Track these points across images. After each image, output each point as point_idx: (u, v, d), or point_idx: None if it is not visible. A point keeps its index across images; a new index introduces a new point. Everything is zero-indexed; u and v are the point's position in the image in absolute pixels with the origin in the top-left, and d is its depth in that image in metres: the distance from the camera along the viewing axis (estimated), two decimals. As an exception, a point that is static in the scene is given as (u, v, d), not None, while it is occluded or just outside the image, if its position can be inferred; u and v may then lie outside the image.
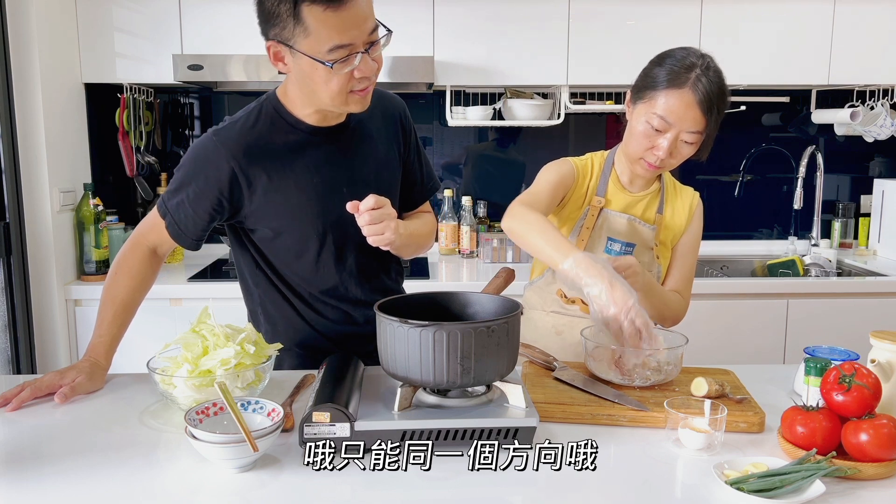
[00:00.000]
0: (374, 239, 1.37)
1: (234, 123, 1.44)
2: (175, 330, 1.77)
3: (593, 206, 1.64)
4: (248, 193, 1.43)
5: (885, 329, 1.26)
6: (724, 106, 1.51)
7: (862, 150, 3.29)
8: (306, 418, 1.09)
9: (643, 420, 1.24)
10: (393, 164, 1.57)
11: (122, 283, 1.48)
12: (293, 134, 1.45)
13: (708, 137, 1.53)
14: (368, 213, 1.33)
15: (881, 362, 1.22)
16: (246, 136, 1.42)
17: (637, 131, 1.54)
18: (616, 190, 1.67)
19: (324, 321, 1.55)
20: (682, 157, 1.55)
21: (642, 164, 1.57)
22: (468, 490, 1.04)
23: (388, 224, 1.36)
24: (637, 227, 1.65)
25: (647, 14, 2.80)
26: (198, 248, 1.51)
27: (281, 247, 1.49)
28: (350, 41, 1.28)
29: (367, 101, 1.39)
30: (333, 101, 1.35)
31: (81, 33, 2.71)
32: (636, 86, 1.57)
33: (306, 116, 1.44)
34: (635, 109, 1.56)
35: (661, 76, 1.50)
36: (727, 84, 1.52)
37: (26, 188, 2.50)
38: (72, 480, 1.06)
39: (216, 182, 1.41)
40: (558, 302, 1.69)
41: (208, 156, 1.42)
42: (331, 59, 1.28)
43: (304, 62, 1.30)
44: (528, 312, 1.76)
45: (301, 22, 1.25)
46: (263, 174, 1.42)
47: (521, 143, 3.25)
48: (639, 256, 1.64)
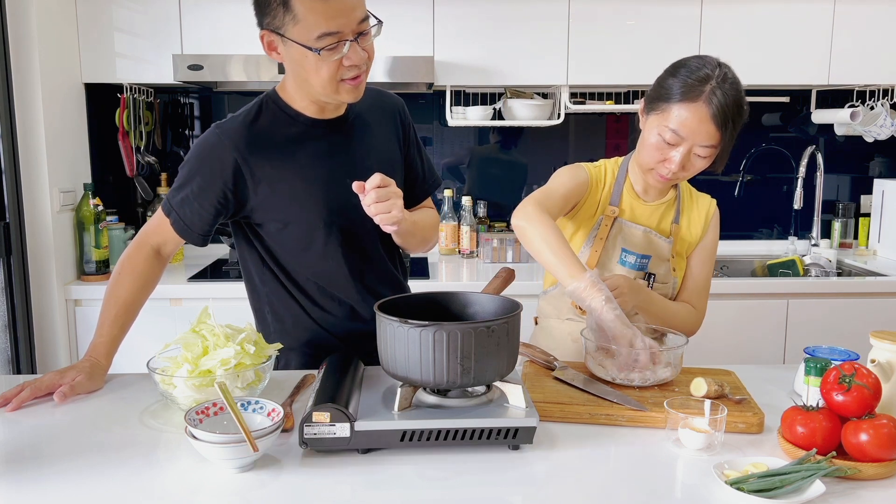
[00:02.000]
0: (381, 217, 1.36)
1: (235, 117, 1.47)
2: (175, 330, 1.77)
3: (607, 216, 1.62)
4: (253, 185, 1.44)
5: (885, 329, 1.26)
6: (740, 119, 1.47)
7: (862, 150, 3.29)
8: (306, 418, 1.09)
9: (642, 420, 1.24)
10: (394, 158, 1.58)
11: (126, 284, 1.48)
12: (294, 126, 1.46)
13: (723, 150, 1.50)
14: (375, 190, 1.33)
15: (881, 362, 1.22)
16: (248, 129, 1.44)
17: (649, 143, 1.51)
18: (630, 199, 1.64)
19: (331, 318, 1.56)
20: (696, 170, 1.52)
21: (654, 176, 1.55)
22: (468, 490, 1.04)
23: (395, 202, 1.36)
24: (653, 240, 1.63)
25: (647, 14, 2.80)
26: (204, 244, 1.51)
27: (288, 239, 1.50)
28: (338, 29, 1.30)
29: (359, 91, 1.40)
30: (325, 88, 1.36)
31: (81, 33, 2.71)
32: (649, 96, 1.54)
33: (305, 108, 1.46)
34: (648, 120, 1.53)
35: (674, 88, 1.46)
36: (744, 93, 1.47)
37: (26, 188, 2.50)
38: (72, 480, 1.06)
39: (220, 174, 1.42)
40: (572, 310, 1.68)
41: (212, 148, 1.43)
42: (319, 45, 1.30)
43: (295, 50, 1.33)
44: (544, 321, 1.76)
45: (290, 10, 1.29)
46: (267, 165, 1.43)
47: (521, 143, 3.25)
48: (654, 269, 1.63)
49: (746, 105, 1.49)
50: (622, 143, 3.26)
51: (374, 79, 2.61)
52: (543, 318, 1.76)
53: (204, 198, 1.44)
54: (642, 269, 1.63)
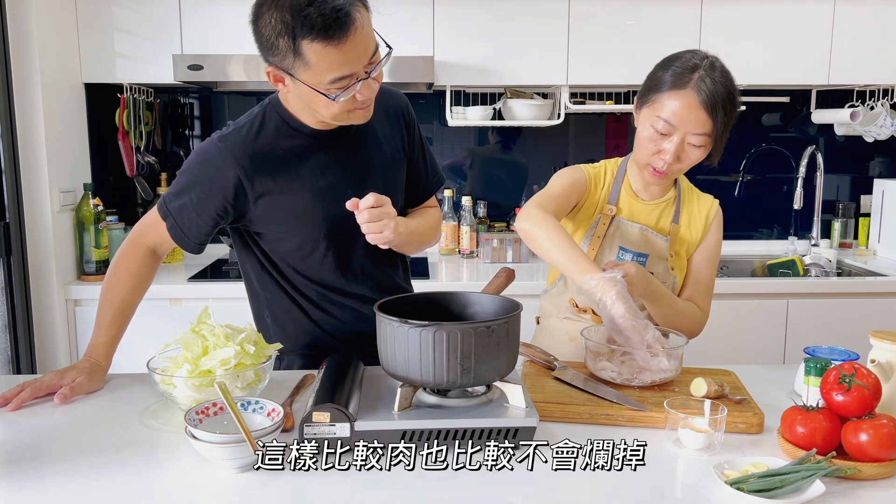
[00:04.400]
0: (373, 237, 1.38)
1: (238, 130, 1.44)
2: (175, 330, 1.77)
3: (605, 215, 1.62)
4: (253, 199, 1.43)
5: (885, 329, 1.26)
6: (731, 107, 1.47)
7: (862, 150, 3.29)
8: (306, 418, 1.09)
9: (642, 420, 1.24)
10: (397, 163, 1.57)
11: (122, 284, 1.48)
12: (298, 138, 1.45)
13: (717, 141, 1.50)
14: (368, 211, 1.34)
15: (881, 362, 1.22)
16: (252, 143, 1.42)
17: (643, 136, 1.52)
18: (628, 198, 1.64)
19: (333, 321, 1.55)
20: (691, 162, 1.52)
21: (649, 171, 1.55)
22: (468, 490, 1.04)
23: (388, 223, 1.36)
24: (650, 238, 1.63)
25: (647, 14, 2.80)
26: (199, 252, 1.50)
27: (286, 249, 1.49)
28: (351, 71, 1.27)
29: (369, 114, 1.39)
30: (335, 119, 1.36)
31: (81, 33, 2.71)
32: (641, 90, 1.55)
33: (308, 121, 1.44)
34: (641, 114, 1.54)
35: (664, 79, 1.48)
36: (735, 85, 1.48)
37: (26, 188, 2.50)
38: (72, 480, 1.06)
39: (221, 188, 1.41)
40: (571, 309, 1.68)
41: (214, 162, 1.42)
42: (332, 89, 1.28)
43: (306, 89, 1.30)
44: (545, 320, 1.76)
45: (301, 56, 1.24)
46: (269, 180, 1.42)
47: (521, 144, 3.25)
48: (652, 267, 1.62)
49: (738, 95, 1.49)
50: (622, 143, 3.26)
51: (374, 79, 2.61)
52: (545, 318, 1.76)
53: (203, 209, 1.43)
54: None
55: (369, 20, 1.28)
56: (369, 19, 1.28)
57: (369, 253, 1.53)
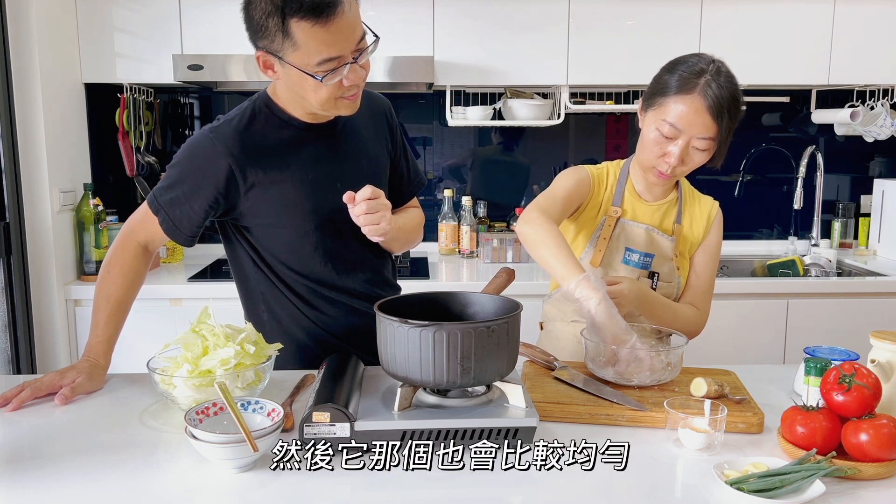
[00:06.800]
0: (370, 229, 1.39)
1: (229, 122, 1.46)
2: (175, 330, 1.77)
3: (610, 217, 1.63)
4: (244, 190, 1.44)
5: (885, 329, 1.26)
6: (736, 111, 1.48)
7: (862, 150, 3.29)
8: (306, 418, 1.09)
9: (642, 420, 1.24)
10: (382, 160, 1.59)
11: (116, 282, 1.48)
12: (287, 130, 1.46)
13: (721, 144, 1.50)
14: (366, 202, 1.35)
15: (881, 362, 1.22)
16: (242, 134, 1.44)
17: (648, 139, 1.53)
18: (632, 199, 1.65)
19: (326, 318, 1.55)
20: (695, 165, 1.52)
21: (654, 174, 1.55)
22: (468, 490, 1.04)
23: (384, 214, 1.39)
24: (655, 238, 1.64)
25: (647, 14, 2.80)
26: (191, 245, 1.52)
27: (276, 242, 1.50)
28: (339, 53, 1.29)
29: (356, 105, 1.41)
30: (323, 107, 1.37)
31: (81, 33, 2.71)
32: (647, 93, 1.55)
33: (297, 114, 1.46)
34: (646, 117, 1.54)
35: (671, 83, 1.48)
36: (740, 89, 1.49)
37: (26, 188, 2.50)
38: (72, 480, 1.06)
39: (213, 179, 1.42)
40: (577, 312, 1.68)
41: (205, 153, 1.43)
42: (320, 71, 1.30)
43: (294, 72, 1.32)
44: (549, 325, 1.76)
45: (290, 36, 1.27)
46: (259, 170, 1.43)
47: (521, 144, 3.25)
48: (658, 267, 1.63)
49: (742, 99, 1.50)
50: (622, 144, 3.26)
51: (373, 79, 2.61)
52: (549, 322, 1.76)
53: (195, 201, 1.44)
54: (646, 268, 1.63)
55: (357, 8, 1.32)
56: (357, 7, 1.32)
57: (360, 246, 1.54)
